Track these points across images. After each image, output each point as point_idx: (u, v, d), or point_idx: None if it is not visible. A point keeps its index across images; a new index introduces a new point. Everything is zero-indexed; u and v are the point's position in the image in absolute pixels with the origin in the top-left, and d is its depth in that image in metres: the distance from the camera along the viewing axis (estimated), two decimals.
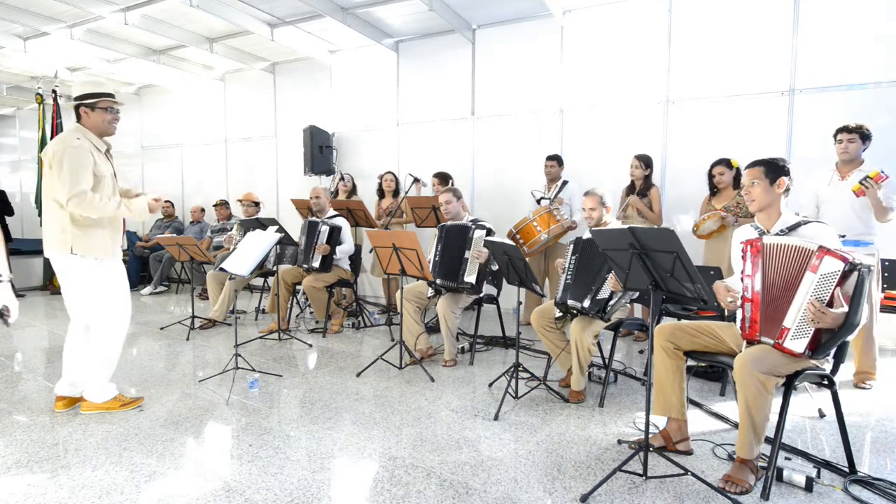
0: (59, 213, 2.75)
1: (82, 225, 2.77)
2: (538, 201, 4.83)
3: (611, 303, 3.02)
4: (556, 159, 4.99)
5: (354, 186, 6.27)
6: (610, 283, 2.99)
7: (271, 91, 7.63)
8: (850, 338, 2.12)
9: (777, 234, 2.27)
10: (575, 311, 3.20)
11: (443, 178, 5.36)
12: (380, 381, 3.51)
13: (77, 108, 2.85)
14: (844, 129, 3.39)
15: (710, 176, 4.19)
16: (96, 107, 2.83)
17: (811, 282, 2.07)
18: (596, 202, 3.26)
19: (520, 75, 5.85)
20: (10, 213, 7.02)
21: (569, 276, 3.24)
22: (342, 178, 6.15)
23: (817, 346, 2.10)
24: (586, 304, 3.07)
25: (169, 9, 5.66)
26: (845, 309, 2.01)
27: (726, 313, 2.85)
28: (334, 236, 4.71)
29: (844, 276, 2.03)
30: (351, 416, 2.93)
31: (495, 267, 3.84)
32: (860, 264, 2.05)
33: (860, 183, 3.20)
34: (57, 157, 2.69)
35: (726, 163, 4.12)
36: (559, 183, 4.95)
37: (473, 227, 3.88)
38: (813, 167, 3.70)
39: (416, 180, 5.11)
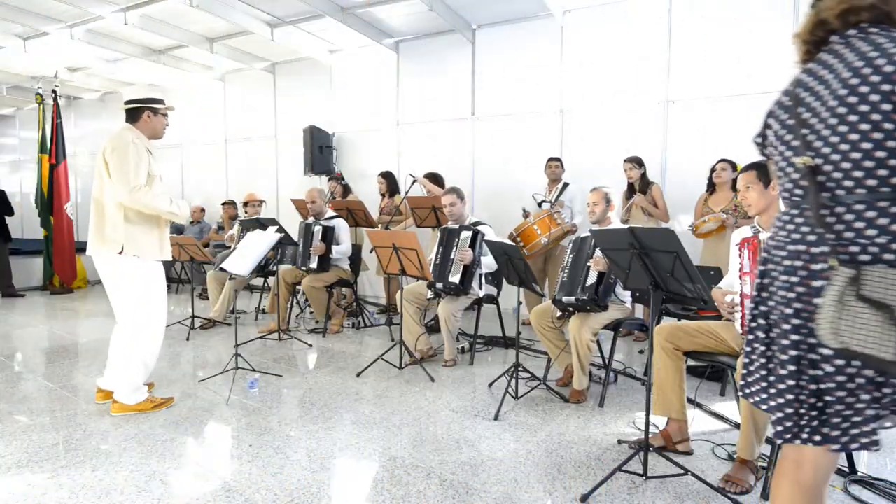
0: (111, 212, 2.79)
1: (135, 224, 2.82)
2: (539, 204, 4.83)
3: (600, 287, 3.02)
4: (559, 160, 5.00)
5: (346, 187, 6.20)
6: (594, 266, 3.00)
7: (271, 91, 7.63)
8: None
9: None
10: (572, 309, 3.20)
11: (434, 178, 5.37)
12: (380, 381, 3.51)
13: (138, 111, 2.94)
14: None
15: (712, 170, 4.21)
16: (159, 112, 2.99)
17: None
18: (600, 197, 3.27)
19: (520, 75, 5.85)
20: (10, 212, 7.01)
21: (564, 275, 3.25)
22: (336, 179, 6.13)
23: None
24: (578, 295, 3.07)
25: (169, 9, 5.66)
26: None
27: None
28: (328, 236, 4.70)
29: None
30: (351, 416, 2.93)
31: (482, 270, 3.83)
32: None
33: None
34: (119, 151, 2.76)
35: (731, 163, 4.13)
36: (560, 185, 4.95)
37: (460, 228, 3.90)
38: None
39: (416, 181, 5.11)
